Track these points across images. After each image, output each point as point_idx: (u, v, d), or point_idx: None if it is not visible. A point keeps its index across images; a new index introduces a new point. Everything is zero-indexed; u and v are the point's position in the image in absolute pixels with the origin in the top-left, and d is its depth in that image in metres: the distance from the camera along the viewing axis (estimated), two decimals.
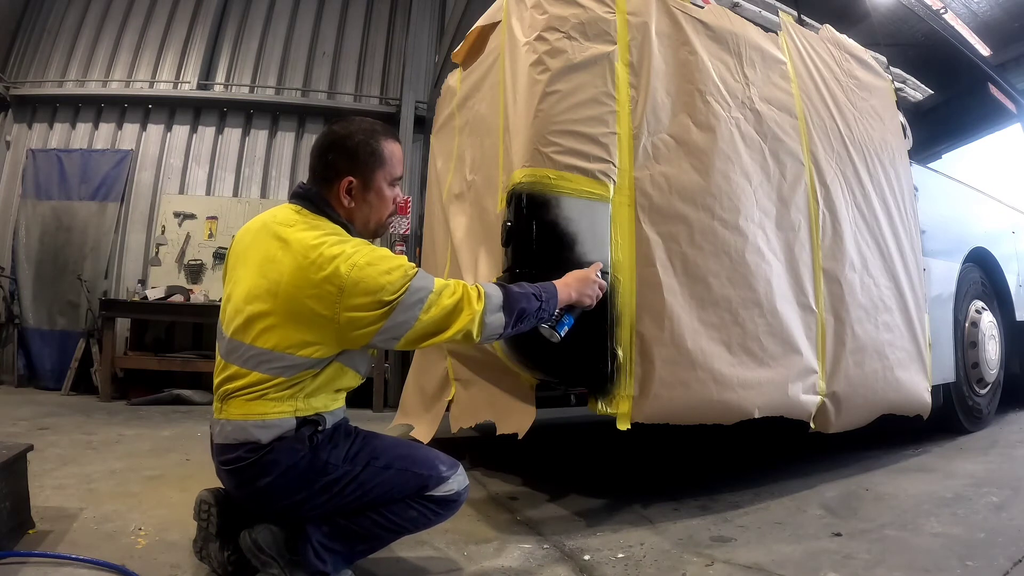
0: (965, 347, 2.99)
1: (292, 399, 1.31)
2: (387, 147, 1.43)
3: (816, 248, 2.25)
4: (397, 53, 6.34)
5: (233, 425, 1.31)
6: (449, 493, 1.40)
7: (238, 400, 1.31)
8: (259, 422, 1.29)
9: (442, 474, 1.40)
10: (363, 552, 1.42)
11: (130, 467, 2.56)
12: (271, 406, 1.29)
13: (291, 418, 1.30)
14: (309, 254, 1.27)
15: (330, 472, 1.31)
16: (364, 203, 1.42)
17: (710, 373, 1.89)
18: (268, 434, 1.28)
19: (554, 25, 1.91)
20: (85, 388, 5.12)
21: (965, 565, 1.45)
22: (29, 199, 5.66)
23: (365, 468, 1.34)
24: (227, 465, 1.33)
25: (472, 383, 2.45)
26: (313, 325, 1.27)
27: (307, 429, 1.31)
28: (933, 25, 3.69)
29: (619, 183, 1.89)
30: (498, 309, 1.35)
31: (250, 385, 1.30)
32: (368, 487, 1.34)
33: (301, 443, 1.30)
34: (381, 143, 1.42)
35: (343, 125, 1.44)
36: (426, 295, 1.28)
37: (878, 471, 2.41)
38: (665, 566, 1.54)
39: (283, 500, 1.32)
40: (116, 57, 6.06)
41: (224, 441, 1.33)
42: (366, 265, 1.25)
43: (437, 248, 2.77)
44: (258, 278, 1.32)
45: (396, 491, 1.36)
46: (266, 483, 1.30)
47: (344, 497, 1.33)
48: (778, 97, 2.28)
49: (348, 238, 1.34)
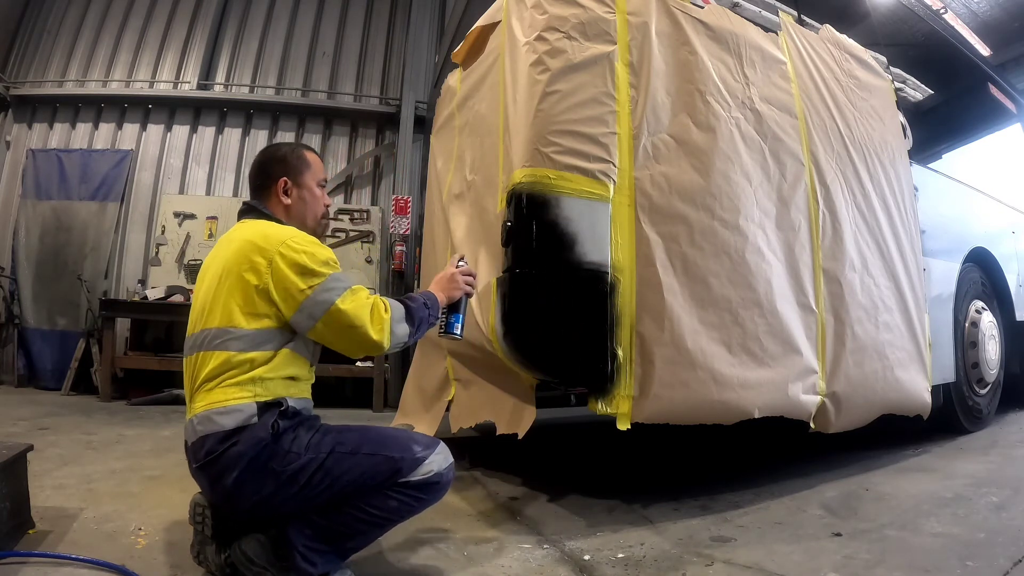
0: (965, 347, 2.99)
1: (251, 384, 1.36)
2: (310, 156, 1.66)
3: (816, 248, 2.25)
4: (397, 53, 6.34)
5: (199, 418, 1.36)
6: (428, 476, 1.37)
7: (201, 393, 1.38)
8: (221, 409, 1.34)
9: (416, 455, 1.37)
10: (354, 548, 1.41)
11: (130, 467, 2.56)
12: (231, 392, 1.35)
13: (251, 403, 1.35)
14: (251, 237, 1.43)
15: (293, 461, 1.32)
16: (300, 200, 1.60)
17: (710, 373, 1.89)
18: (231, 420, 1.32)
19: (554, 25, 1.92)
20: (85, 388, 5.12)
21: (965, 565, 1.45)
22: (29, 199, 5.66)
23: (330, 455, 1.34)
24: (198, 463, 1.36)
25: (472, 383, 2.45)
26: (249, 296, 1.38)
27: (269, 415, 1.34)
28: (933, 25, 3.69)
29: (619, 183, 1.89)
30: (402, 319, 1.46)
31: (210, 375, 1.37)
32: (336, 474, 1.33)
33: (264, 430, 1.32)
34: (305, 153, 1.65)
35: (271, 146, 1.75)
36: (346, 286, 1.41)
37: (878, 471, 2.41)
38: (665, 566, 1.54)
39: (253, 496, 1.33)
40: (116, 57, 6.06)
41: (194, 439, 1.37)
42: (299, 247, 1.40)
43: (437, 248, 2.77)
44: (211, 277, 1.46)
45: (368, 477, 1.34)
46: (234, 479, 1.31)
47: (313, 488, 1.32)
48: (778, 97, 2.28)
49: (288, 226, 1.50)
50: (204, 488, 1.42)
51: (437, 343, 2.65)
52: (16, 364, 5.44)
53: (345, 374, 4.97)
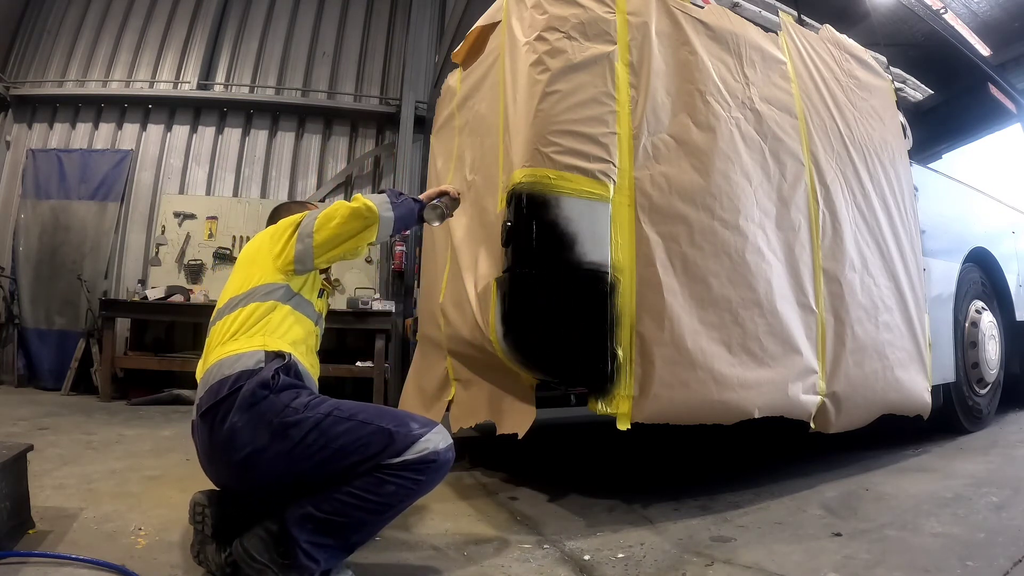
0: (965, 347, 2.99)
1: (261, 335, 1.49)
2: None
3: (816, 248, 2.25)
4: (397, 53, 6.35)
5: (210, 371, 1.45)
6: (424, 453, 1.34)
7: (215, 349, 1.50)
8: (232, 357, 1.44)
9: (412, 431, 1.35)
10: (358, 541, 1.40)
11: (130, 467, 2.56)
12: (242, 342, 1.48)
13: (260, 351, 1.45)
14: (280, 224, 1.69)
15: (290, 415, 1.35)
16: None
17: (710, 373, 1.89)
18: (240, 365, 1.42)
19: (554, 25, 1.91)
20: (85, 388, 5.12)
21: (965, 565, 1.45)
22: (29, 199, 5.66)
23: (327, 416, 1.36)
24: (201, 411, 1.40)
25: (472, 383, 2.45)
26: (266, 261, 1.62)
27: (274, 363, 1.43)
28: (933, 25, 3.69)
29: (619, 183, 1.89)
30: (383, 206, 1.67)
31: (224, 332, 1.51)
32: (330, 436, 1.33)
33: (268, 374, 1.39)
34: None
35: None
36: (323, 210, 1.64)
37: (878, 471, 2.41)
38: (665, 566, 1.54)
39: (247, 445, 1.34)
40: (116, 57, 6.07)
41: (203, 390, 1.42)
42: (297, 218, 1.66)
43: (437, 248, 2.77)
44: (242, 260, 1.69)
45: (361, 445, 1.32)
46: (231, 423, 1.34)
47: (307, 448, 1.32)
48: (778, 97, 2.28)
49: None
50: (202, 444, 1.43)
51: (437, 343, 2.65)
52: (16, 364, 5.45)
53: (345, 374, 4.98)
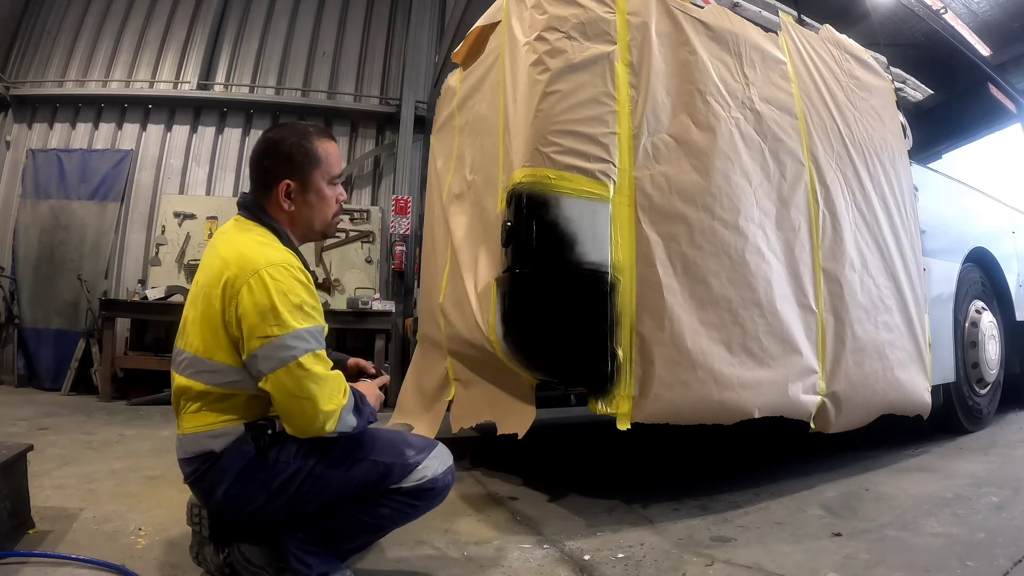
0: (965, 347, 2.99)
1: (235, 410, 1.30)
2: (322, 146, 1.40)
3: (816, 248, 2.25)
4: (397, 53, 6.35)
5: (188, 439, 1.32)
6: (422, 482, 1.31)
7: (187, 414, 1.33)
8: (209, 432, 1.29)
9: (408, 460, 1.31)
10: (351, 550, 1.40)
11: (130, 467, 2.56)
12: (216, 416, 1.29)
13: (239, 424, 1.29)
14: (228, 257, 1.28)
15: (281, 470, 1.27)
16: (305, 205, 1.40)
17: (710, 373, 1.89)
18: (220, 443, 1.28)
19: (554, 25, 1.91)
20: (85, 388, 5.12)
21: (965, 565, 1.45)
22: (29, 199, 5.66)
23: (319, 462, 1.28)
24: (189, 479, 1.35)
25: (472, 383, 2.45)
26: (216, 326, 1.27)
27: (256, 432, 1.29)
28: (933, 25, 3.69)
29: (619, 183, 1.89)
30: (351, 410, 1.29)
31: (192, 398, 1.32)
32: (326, 481, 1.28)
33: (248, 444, 1.28)
34: (315, 143, 1.39)
35: (277, 131, 1.44)
36: (312, 348, 1.24)
37: (878, 471, 2.40)
38: (665, 566, 1.54)
39: (246, 508, 1.30)
40: (116, 57, 6.07)
41: (184, 456, 1.34)
42: (273, 282, 1.23)
43: (437, 248, 2.77)
44: (194, 286, 1.36)
45: (359, 483, 1.29)
46: (224, 492, 1.29)
47: (304, 496, 1.29)
48: (778, 97, 2.28)
49: (277, 246, 1.33)
50: (199, 501, 1.41)
51: (437, 343, 2.65)
52: (16, 364, 5.45)
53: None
